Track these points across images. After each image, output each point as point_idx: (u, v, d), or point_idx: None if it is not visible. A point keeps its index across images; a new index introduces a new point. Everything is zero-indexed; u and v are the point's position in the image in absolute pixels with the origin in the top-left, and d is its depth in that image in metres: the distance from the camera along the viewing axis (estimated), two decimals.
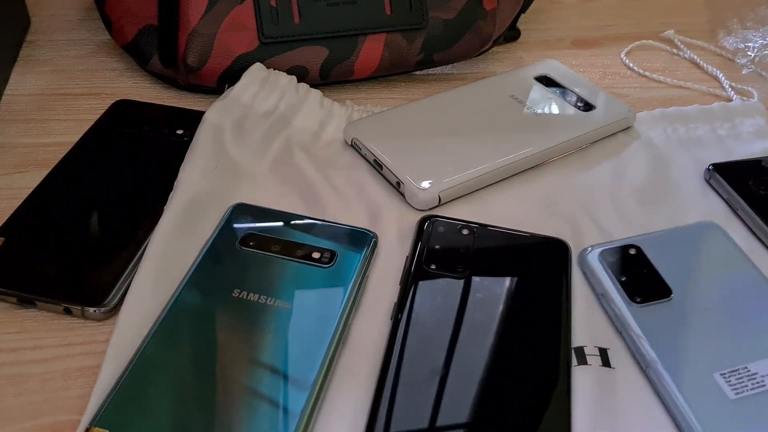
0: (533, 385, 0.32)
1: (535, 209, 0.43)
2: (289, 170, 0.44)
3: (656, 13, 0.67)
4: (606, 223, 0.42)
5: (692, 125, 0.50)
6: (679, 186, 0.46)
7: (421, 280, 0.37)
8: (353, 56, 0.51)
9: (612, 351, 0.35)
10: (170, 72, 0.51)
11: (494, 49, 0.59)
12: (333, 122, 0.48)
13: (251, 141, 0.45)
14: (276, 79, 0.49)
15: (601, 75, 0.58)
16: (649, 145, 0.49)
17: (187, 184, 0.41)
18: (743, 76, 0.58)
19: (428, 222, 0.40)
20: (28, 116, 0.50)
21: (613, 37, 0.63)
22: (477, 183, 0.44)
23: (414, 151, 0.45)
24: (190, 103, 0.51)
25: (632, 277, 0.37)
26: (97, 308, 0.35)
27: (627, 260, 0.38)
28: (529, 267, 0.38)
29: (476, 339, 0.34)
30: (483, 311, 0.35)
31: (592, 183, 0.45)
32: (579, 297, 0.37)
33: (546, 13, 0.66)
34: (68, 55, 0.57)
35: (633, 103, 0.51)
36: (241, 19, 0.48)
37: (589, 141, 0.48)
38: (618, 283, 0.37)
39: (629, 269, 0.38)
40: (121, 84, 0.54)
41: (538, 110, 0.49)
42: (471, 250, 0.39)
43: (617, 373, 0.34)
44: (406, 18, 0.51)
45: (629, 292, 0.37)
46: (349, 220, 0.40)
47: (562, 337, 0.34)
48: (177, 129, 0.47)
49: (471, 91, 0.51)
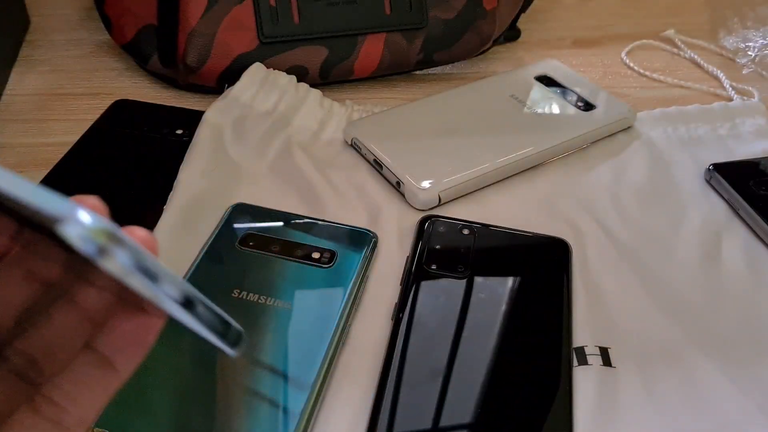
0: (535, 386, 0.32)
1: (535, 209, 0.43)
2: (289, 170, 0.44)
3: (657, 12, 0.67)
4: (606, 223, 0.42)
5: (693, 125, 0.50)
6: (680, 186, 0.45)
7: (421, 281, 0.37)
8: (353, 56, 0.51)
9: (613, 350, 0.35)
10: (170, 72, 0.51)
11: (494, 48, 0.59)
12: (333, 122, 0.48)
13: (251, 141, 0.45)
14: (276, 78, 0.49)
15: (601, 75, 0.58)
16: (650, 145, 0.48)
17: (187, 183, 0.41)
18: (744, 75, 0.58)
19: (429, 222, 0.40)
20: (28, 116, 0.50)
21: (614, 36, 0.63)
22: (477, 183, 0.44)
23: (414, 150, 0.45)
24: (189, 103, 0.51)
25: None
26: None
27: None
28: (529, 267, 0.38)
29: (477, 339, 0.34)
30: (484, 311, 0.35)
31: (593, 183, 0.45)
32: (579, 296, 0.37)
33: (546, 13, 0.66)
34: (68, 55, 0.57)
35: (633, 103, 0.51)
36: (241, 18, 0.48)
37: (590, 141, 0.48)
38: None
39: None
40: (120, 84, 0.54)
41: (539, 110, 0.49)
42: (472, 249, 0.39)
43: (618, 373, 0.34)
44: (406, 17, 0.51)
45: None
46: (349, 220, 0.40)
47: (564, 336, 0.34)
48: (176, 129, 0.47)
49: (471, 91, 0.51)
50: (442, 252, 0.38)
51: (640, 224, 0.42)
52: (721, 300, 0.38)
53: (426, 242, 0.39)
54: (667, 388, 0.33)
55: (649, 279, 0.39)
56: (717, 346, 0.35)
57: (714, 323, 0.36)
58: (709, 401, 0.33)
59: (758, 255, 0.41)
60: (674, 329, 0.36)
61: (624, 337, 0.35)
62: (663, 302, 0.37)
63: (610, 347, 0.35)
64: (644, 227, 0.42)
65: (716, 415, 0.32)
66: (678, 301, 0.38)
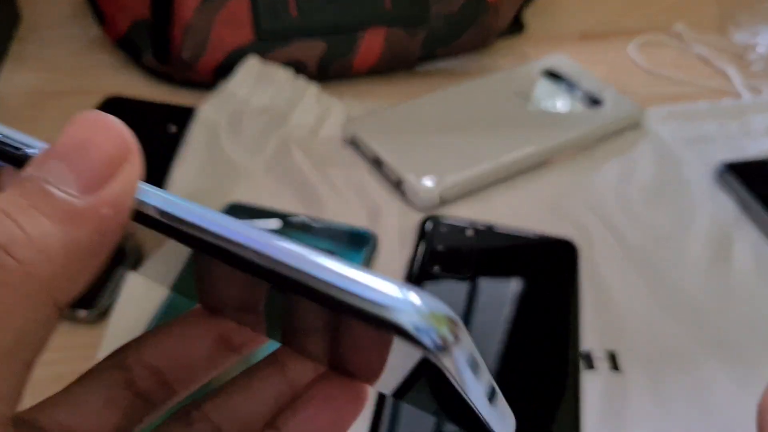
0: (541, 391, 0.32)
1: (540, 209, 0.43)
2: (286, 168, 0.44)
3: (665, 6, 0.67)
4: (614, 223, 0.42)
5: (702, 122, 0.50)
6: (689, 185, 0.45)
7: (424, 282, 0.36)
8: (352, 51, 0.51)
9: (621, 354, 0.34)
10: (164, 67, 0.51)
11: (499, 43, 0.58)
12: (331, 118, 0.48)
13: (247, 137, 0.45)
14: (272, 73, 0.48)
15: (608, 70, 0.57)
16: (658, 143, 0.48)
17: (181, 182, 0.41)
18: (754, 71, 0.58)
19: (431, 222, 0.40)
20: (19, 114, 0.49)
21: (621, 31, 0.63)
22: (480, 182, 0.43)
23: (415, 148, 0.44)
24: (183, 99, 0.50)
25: None
26: (87, 311, 0.35)
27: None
28: (535, 268, 0.38)
29: (481, 343, 0.33)
30: (488, 314, 0.35)
31: (600, 182, 0.45)
32: (586, 298, 0.37)
33: (552, 7, 0.65)
34: (59, 51, 0.56)
35: (641, 100, 0.51)
36: (237, 12, 0.48)
37: (597, 138, 0.48)
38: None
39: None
40: (113, 80, 0.53)
41: (544, 106, 0.49)
42: (475, 251, 0.38)
43: (626, 377, 0.33)
44: (406, 12, 0.51)
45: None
46: (348, 220, 0.40)
47: (571, 340, 0.34)
48: (170, 126, 0.46)
49: (475, 87, 0.51)
50: (444, 253, 0.38)
51: (649, 224, 0.42)
52: (731, 302, 0.38)
53: (428, 243, 0.39)
54: (675, 392, 0.33)
55: (657, 281, 0.39)
56: (727, 350, 0.35)
57: (724, 326, 0.36)
58: (719, 406, 0.33)
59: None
60: (683, 332, 0.36)
61: (632, 341, 0.35)
62: (672, 305, 0.37)
63: (617, 351, 0.35)
64: (652, 227, 0.42)
65: (726, 421, 0.32)
66: (687, 303, 0.37)
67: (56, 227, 0.13)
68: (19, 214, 0.13)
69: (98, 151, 0.14)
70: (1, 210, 0.13)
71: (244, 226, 0.13)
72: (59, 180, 0.13)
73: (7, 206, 0.13)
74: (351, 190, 0.43)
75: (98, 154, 0.14)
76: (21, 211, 0.13)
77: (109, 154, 0.14)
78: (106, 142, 0.14)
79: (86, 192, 0.13)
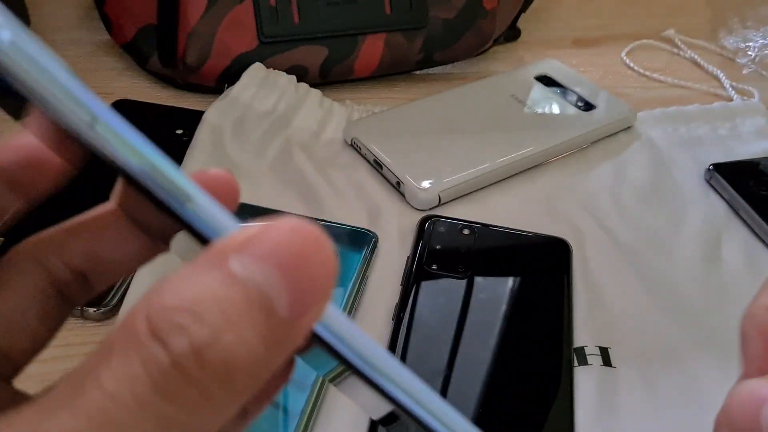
0: (535, 386, 0.32)
1: (535, 209, 0.43)
2: (289, 170, 0.44)
3: (657, 12, 0.67)
4: (607, 223, 0.42)
5: (693, 125, 0.50)
6: (680, 186, 0.45)
7: (422, 281, 0.36)
8: (353, 56, 0.51)
9: (613, 350, 0.35)
10: (169, 71, 0.51)
11: (495, 48, 0.59)
12: (333, 122, 0.48)
13: (251, 141, 0.45)
14: (275, 78, 0.49)
15: (601, 74, 0.58)
16: (650, 145, 0.48)
17: None
18: (744, 75, 0.58)
19: (429, 222, 0.40)
20: None
21: (614, 36, 0.63)
22: (477, 183, 0.44)
23: (414, 150, 0.45)
24: (189, 103, 0.51)
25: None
26: (96, 308, 0.35)
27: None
28: (530, 267, 0.38)
29: (478, 339, 0.34)
30: (485, 311, 0.35)
31: (593, 182, 0.45)
32: (579, 296, 0.37)
33: (547, 12, 0.66)
34: (67, 54, 0.56)
35: (633, 103, 0.51)
36: (241, 18, 0.48)
37: (590, 140, 0.48)
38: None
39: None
40: (120, 84, 0.53)
41: (539, 110, 0.49)
42: (472, 249, 0.38)
43: (618, 373, 0.34)
44: (406, 17, 0.51)
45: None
46: (349, 220, 0.40)
47: (564, 336, 0.34)
48: (176, 129, 0.47)
49: (471, 91, 0.51)
50: (442, 252, 0.38)
51: (641, 224, 0.42)
52: (721, 300, 0.38)
53: (426, 242, 0.39)
54: (667, 387, 0.33)
55: (649, 279, 0.39)
56: (717, 346, 0.35)
57: (714, 323, 0.36)
58: (708, 401, 0.32)
59: (758, 255, 0.41)
60: (674, 329, 0.36)
61: (624, 337, 0.35)
62: (663, 302, 0.37)
63: (610, 347, 0.35)
64: (644, 227, 0.42)
65: (714, 415, 0.32)
66: (678, 300, 0.38)
67: (262, 347, 0.11)
68: (239, 322, 0.11)
69: (316, 273, 0.12)
70: (224, 311, 0.11)
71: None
72: (276, 293, 0.12)
73: (230, 308, 0.11)
74: (352, 192, 0.43)
75: (315, 276, 0.12)
76: (240, 318, 0.11)
77: (323, 278, 0.12)
78: (322, 266, 0.12)
79: (295, 316, 0.12)
